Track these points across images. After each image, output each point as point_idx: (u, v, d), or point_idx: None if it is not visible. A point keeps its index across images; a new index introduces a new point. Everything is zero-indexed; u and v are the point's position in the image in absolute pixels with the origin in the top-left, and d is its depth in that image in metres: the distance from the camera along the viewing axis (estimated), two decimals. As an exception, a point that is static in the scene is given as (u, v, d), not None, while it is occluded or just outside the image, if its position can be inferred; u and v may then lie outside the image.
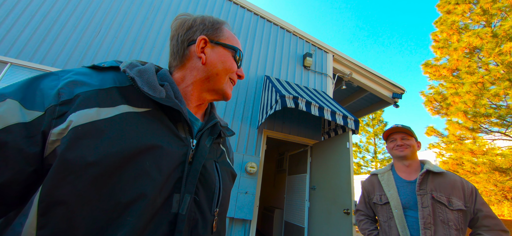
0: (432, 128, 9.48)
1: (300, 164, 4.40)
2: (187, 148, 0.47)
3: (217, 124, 0.59)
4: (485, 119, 7.90)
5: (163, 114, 0.46)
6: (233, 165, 0.77)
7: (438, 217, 1.20)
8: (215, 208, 0.49)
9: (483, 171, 7.70)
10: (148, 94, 0.43)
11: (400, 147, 1.42)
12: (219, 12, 4.42)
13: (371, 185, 1.54)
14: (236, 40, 0.61)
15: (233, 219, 3.21)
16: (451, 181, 1.27)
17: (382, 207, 1.41)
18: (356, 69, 5.08)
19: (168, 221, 0.40)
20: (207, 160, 0.52)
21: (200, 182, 0.48)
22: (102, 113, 0.38)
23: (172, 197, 0.42)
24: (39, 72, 3.12)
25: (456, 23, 8.87)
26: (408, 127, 1.44)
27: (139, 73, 0.46)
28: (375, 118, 18.52)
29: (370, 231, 1.47)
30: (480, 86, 7.64)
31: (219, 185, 0.52)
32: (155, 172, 0.40)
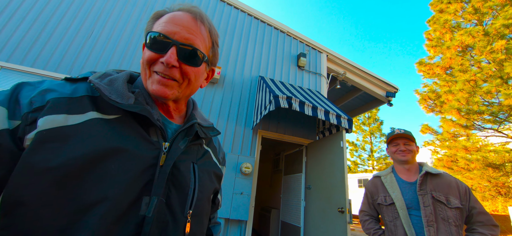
0: (427, 125, 9.59)
1: (295, 163, 4.42)
2: (158, 151, 0.47)
3: (194, 125, 0.58)
4: (478, 116, 8.02)
5: (133, 120, 0.47)
6: (224, 163, 0.76)
7: (439, 215, 1.32)
8: (189, 210, 0.49)
9: (477, 167, 7.82)
10: (115, 102, 0.44)
11: (402, 152, 1.51)
12: (212, 13, 4.42)
13: (375, 187, 1.63)
14: (163, 25, 0.51)
15: (228, 220, 3.21)
16: (447, 181, 1.38)
17: (388, 208, 1.50)
18: (350, 68, 5.11)
19: (135, 223, 0.41)
20: (183, 161, 0.52)
21: (172, 184, 0.48)
22: (70, 119, 0.40)
23: (141, 199, 0.42)
24: (29, 76, 3.08)
25: (448, 22, 8.99)
26: (410, 133, 1.53)
27: (110, 82, 0.48)
28: (371, 116, 18.67)
29: (375, 231, 1.57)
30: (472, 84, 7.76)
31: (194, 187, 0.52)
32: (120, 175, 0.40)
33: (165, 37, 0.49)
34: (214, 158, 0.67)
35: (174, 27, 0.50)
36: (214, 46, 0.60)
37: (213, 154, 0.67)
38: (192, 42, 0.52)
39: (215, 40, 0.60)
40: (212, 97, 3.75)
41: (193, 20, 0.53)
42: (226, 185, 3.24)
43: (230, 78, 4.02)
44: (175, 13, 0.53)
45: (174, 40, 0.50)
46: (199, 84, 0.59)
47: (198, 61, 0.54)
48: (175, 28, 0.50)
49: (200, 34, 0.54)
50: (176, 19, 0.51)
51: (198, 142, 0.60)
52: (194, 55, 0.52)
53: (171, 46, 0.49)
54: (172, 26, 0.50)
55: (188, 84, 0.55)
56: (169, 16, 0.52)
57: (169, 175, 0.48)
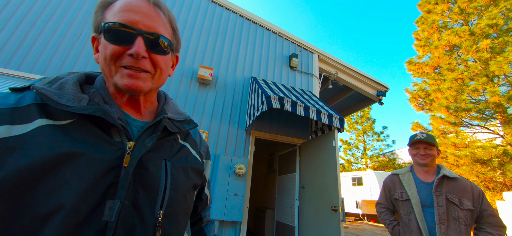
0: (417, 123, 9.80)
1: (289, 163, 4.44)
2: (122, 152, 0.45)
3: (162, 120, 0.54)
4: (465, 113, 8.26)
5: (90, 122, 0.45)
6: (208, 157, 0.74)
7: (451, 214, 1.46)
8: (159, 211, 0.46)
9: (465, 163, 8.03)
10: (65, 106, 0.42)
11: (422, 156, 1.63)
12: (204, 14, 4.40)
13: (392, 183, 1.78)
14: (121, 15, 0.47)
15: (223, 222, 3.19)
16: (463, 185, 1.52)
17: (404, 203, 1.66)
18: (341, 68, 5.18)
19: (96, 230, 0.39)
20: (151, 160, 0.49)
21: (140, 184, 0.45)
22: (14, 130, 0.37)
23: (104, 204, 0.40)
24: (14, 79, 3.00)
25: (436, 22, 9.23)
26: (432, 138, 1.64)
27: (60, 86, 0.45)
28: (364, 115, 18.95)
29: (391, 221, 1.75)
30: (460, 82, 7.98)
31: (165, 186, 0.49)
32: (76, 181, 0.38)
33: (127, 27, 0.46)
34: (194, 151, 0.64)
35: (134, 16, 0.47)
36: (175, 32, 0.58)
37: (192, 148, 0.64)
38: (156, 29, 0.49)
39: (174, 25, 0.57)
40: (204, 98, 3.73)
41: (150, 6, 0.50)
42: (220, 187, 3.23)
43: (222, 79, 4.01)
44: (128, 1, 0.48)
45: (138, 29, 0.47)
46: (167, 73, 0.57)
47: (165, 49, 0.52)
48: (136, 17, 0.47)
49: (161, 20, 0.51)
50: (133, 6, 0.47)
51: (171, 138, 0.57)
52: (162, 43, 0.50)
53: (136, 37, 0.46)
54: (132, 14, 0.47)
55: (160, 74, 0.53)
56: (124, 4, 0.47)
57: (136, 176, 0.45)
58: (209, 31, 4.31)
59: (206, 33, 4.27)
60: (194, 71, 3.87)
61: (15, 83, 3.00)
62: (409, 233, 1.59)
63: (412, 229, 1.57)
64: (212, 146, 3.49)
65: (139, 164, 0.46)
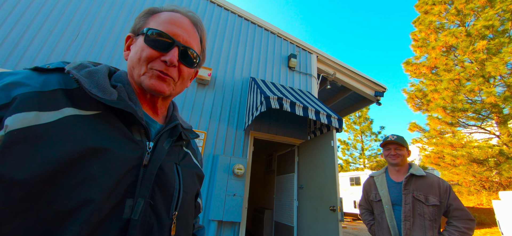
0: (415, 123, 9.87)
1: (288, 164, 4.44)
2: (142, 151, 0.46)
3: (178, 125, 0.57)
4: (462, 113, 8.33)
5: (115, 117, 0.44)
6: (201, 167, 0.76)
7: (417, 211, 1.55)
8: (174, 212, 0.48)
9: (462, 163, 8.10)
10: (96, 96, 0.41)
11: (393, 156, 1.75)
12: (202, 15, 4.40)
13: (369, 185, 1.91)
14: (165, 25, 0.51)
15: (222, 222, 3.18)
16: (430, 182, 1.60)
17: (376, 203, 1.79)
18: (339, 69, 5.20)
19: (118, 227, 0.39)
20: (166, 162, 0.50)
21: (157, 185, 0.46)
22: (42, 117, 0.35)
23: (124, 202, 0.40)
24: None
25: (433, 23, 9.30)
26: (401, 139, 1.76)
27: (89, 74, 0.44)
28: (362, 116, 19.03)
29: (369, 221, 1.87)
30: (456, 82, 8.05)
31: (179, 188, 0.51)
32: (102, 176, 0.37)
33: (168, 37, 0.51)
34: (194, 159, 0.66)
35: (176, 29, 0.53)
36: (203, 51, 0.64)
37: (193, 155, 0.66)
38: (191, 45, 0.55)
39: (204, 45, 0.64)
40: (203, 99, 3.73)
41: (192, 25, 0.56)
42: (219, 187, 3.22)
43: (221, 79, 4.01)
44: (175, 15, 0.55)
45: (177, 41, 0.52)
46: (188, 84, 0.62)
47: (193, 63, 0.57)
48: (178, 30, 0.53)
49: (196, 38, 0.58)
50: (178, 21, 0.54)
51: (179, 143, 0.60)
52: (192, 58, 0.56)
53: (173, 47, 0.51)
54: (175, 27, 0.53)
55: (182, 82, 0.57)
56: (170, 17, 0.53)
57: (155, 176, 0.46)
58: (207, 31, 4.31)
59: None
60: (192, 71, 3.85)
61: (12, 83, 2.97)
62: (381, 231, 1.71)
63: (383, 227, 1.69)
64: (211, 146, 3.49)
65: (158, 166, 0.48)
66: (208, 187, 3.29)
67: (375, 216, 1.80)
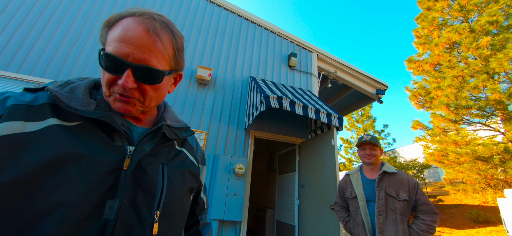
0: (418, 121, 9.78)
1: (289, 163, 4.44)
2: (123, 155, 0.48)
3: (161, 127, 0.57)
4: (466, 110, 8.22)
5: (95, 126, 0.48)
6: (203, 163, 0.77)
7: (389, 206, 1.66)
8: (156, 211, 0.49)
9: (466, 160, 7.99)
10: (74, 109, 0.45)
11: (368, 156, 1.84)
12: (202, 15, 4.41)
13: (345, 183, 2.00)
14: (114, 45, 0.47)
15: (223, 222, 3.20)
16: (400, 179, 1.71)
17: (352, 200, 1.87)
18: (340, 67, 5.17)
19: (98, 227, 0.41)
20: (150, 163, 0.51)
21: (138, 186, 0.48)
22: (28, 126, 0.40)
23: (104, 203, 0.43)
24: (14, 82, 3.01)
25: (436, 19, 9.19)
26: (375, 139, 1.87)
27: (71, 90, 0.48)
28: (364, 114, 18.90)
29: (344, 218, 1.95)
30: (460, 79, 7.95)
31: (162, 188, 0.51)
32: (79, 179, 0.40)
33: (117, 60, 0.46)
34: (191, 156, 0.67)
35: (126, 48, 0.46)
36: (178, 53, 0.56)
37: (189, 153, 0.67)
38: (148, 62, 0.48)
39: (178, 46, 0.56)
40: (203, 99, 3.74)
41: (148, 35, 0.48)
42: (220, 187, 3.23)
43: (221, 79, 4.02)
44: (126, 29, 0.47)
45: (128, 62, 0.47)
46: (165, 92, 0.58)
47: (157, 79, 0.51)
48: (128, 49, 0.46)
49: (156, 50, 0.49)
50: (128, 37, 0.47)
51: (168, 144, 0.60)
52: (152, 74, 0.49)
53: (126, 69, 0.47)
54: (124, 46, 0.46)
55: (152, 99, 0.54)
56: (120, 33, 0.47)
57: (135, 178, 0.48)
58: (207, 32, 4.32)
59: (204, 34, 4.27)
60: (193, 71, 3.87)
61: (16, 86, 3.02)
62: (356, 227, 1.79)
63: (358, 223, 1.77)
64: (212, 146, 3.50)
65: (138, 167, 0.49)
66: (209, 187, 3.31)
67: (350, 212, 1.89)
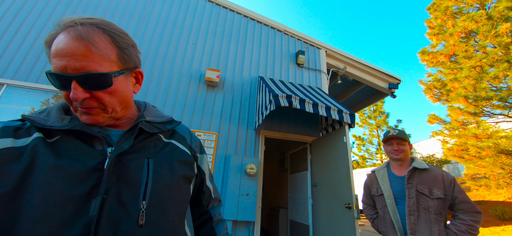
0: (434, 115, 9.40)
1: (300, 161, 4.39)
2: (103, 157, 0.51)
3: (138, 124, 0.58)
4: (486, 102, 7.83)
5: (74, 138, 0.51)
6: (201, 152, 0.77)
7: (421, 205, 1.53)
8: (142, 202, 0.51)
9: (489, 154, 7.61)
10: (50, 126, 0.50)
11: (396, 152, 1.72)
12: (209, 17, 4.45)
13: (371, 181, 1.91)
14: (53, 62, 0.49)
15: (236, 222, 3.20)
16: (433, 175, 1.57)
17: (378, 198, 1.78)
18: (350, 63, 5.07)
19: (84, 224, 0.44)
20: (132, 160, 0.54)
21: (123, 181, 0.50)
22: (18, 142, 0.47)
23: (90, 202, 0.46)
24: (33, 92, 3.17)
25: (450, 8, 8.83)
26: (403, 133, 1.73)
27: (47, 113, 0.54)
28: (376, 110, 18.44)
29: (371, 215, 1.86)
30: (478, 70, 7.58)
31: (147, 180, 0.53)
32: (61, 183, 0.45)
33: (58, 76, 0.48)
34: (181, 146, 0.68)
35: (61, 61, 0.47)
36: (124, 50, 0.56)
37: (179, 143, 0.68)
38: (87, 68, 0.48)
39: (122, 43, 0.55)
40: (213, 100, 3.77)
41: (77, 41, 0.48)
42: (232, 187, 3.24)
43: (229, 80, 4.04)
44: (57, 42, 0.48)
45: (68, 74, 0.47)
46: (127, 94, 0.59)
47: (105, 83, 0.51)
48: (63, 61, 0.47)
49: (91, 54, 0.49)
50: (60, 50, 0.47)
51: (153, 138, 0.62)
52: (97, 79, 0.49)
53: (70, 82, 0.48)
54: (60, 60, 0.47)
55: (114, 104, 0.55)
56: (54, 50, 0.48)
57: (118, 175, 0.51)
58: (214, 34, 4.36)
59: (211, 36, 4.32)
60: (201, 74, 3.92)
61: (37, 96, 3.17)
62: (384, 225, 1.71)
63: (386, 222, 1.68)
64: (223, 147, 3.52)
65: (120, 164, 0.52)
66: (221, 187, 3.32)
67: (377, 210, 1.81)
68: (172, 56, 3.92)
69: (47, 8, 3.72)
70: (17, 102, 3.09)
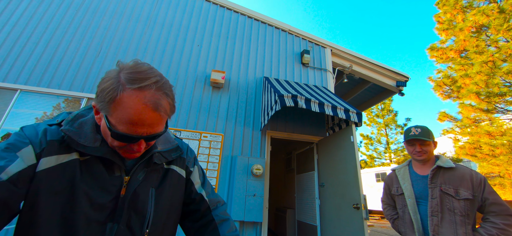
0: (445, 113, 9.16)
1: (307, 161, 4.36)
2: (120, 185, 0.59)
3: (153, 156, 0.66)
4: (499, 98, 7.57)
5: (99, 161, 0.58)
6: (193, 164, 0.84)
7: (445, 206, 1.42)
8: (146, 229, 0.60)
9: (503, 152, 7.35)
10: (83, 146, 0.56)
11: (418, 153, 1.59)
12: (213, 19, 4.49)
13: (391, 179, 1.83)
14: (128, 126, 0.51)
15: (243, 223, 3.21)
16: (460, 174, 1.45)
17: (398, 197, 1.70)
18: (356, 61, 5.00)
19: None
20: (142, 189, 0.62)
21: (133, 210, 0.59)
22: (61, 158, 0.55)
23: (106, 225, 0.56)
24: (46, 96, 3.26)
25: (459, 2, 8.58)
26: (426, 132, 1.58)
27: (80, 125, 0.58)
28: (384, 108, 18.12)
29: (392, 215, 1.79)
30: (490, 65, 7.34)
31: (151, 210, 0.62)
32: (86, 206, 0.54)
33: (133, 137, 0.53)
34: (179, 170, 0.76)
35: (140, 129, 0.52)
36: (173, 108, 0.60)
37: (178, 167, 0.76)
38: (157, 130, 0.55)
39: (173, 104, 0.59)
40: (218, 102, 3.79)
41: (155, 114, 0.52)
42: (238, 188, 3.25)
43: (235, 81, 4.05)
44: (136, 111, 0.50)
45: (142, 136, 0.54)
46: None
47: (161, 135, 0.60)
48: (142, 129, 0.53)
49: (163, 119, 0.55)
50: (141, 120, 0.51)
51: (158, 167, 0.69)
52: (158, 135, 0.58)
53: (140, 140, 0.55)
54: (138, 127, 0.52)
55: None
56: (132, 117, 0.50)
57: (130, 203, 0.59)
58: (219, 35, 4.39)
59: (216, 38, 4.35)
60: (207, 75, 3.95)
61: (49, 100, 3.26)
62: (403, 226, 1.64)
63: (406, 222, 1.61)
64: (229, 148, 3.53)
65: (133, 193, 0.60)
66: (228, 188, 3.33)
67: (398, 210, 1.74)
68: (177, 58, 3.97)
69: (57, 15, 3.83)
70: (30, 107, 3.19)
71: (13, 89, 3.21)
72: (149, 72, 0.53)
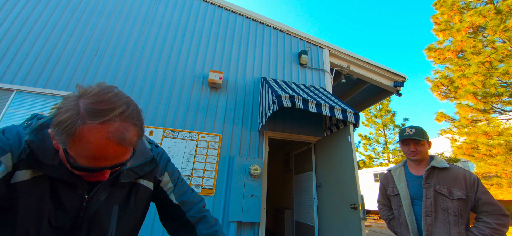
0: (442, 113, 9.20)
1: (305, 162, 4.37)
2: (80, 203, 0.58)
3: (119, 174, 0.63)
4: (496, 98, 7.62)
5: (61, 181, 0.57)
6: (163, 172, 0.79)
7: (439, 206, 1.45)
8: None
9: (500, 152, 7.39)
10: (40, 163, 0.52)
11: (413, 153, 1.63)
12: (211, 19, 4.48)
13: (386, 180, 1.85)
14: (90, 161, 0.48)
15: (241, 223, 3.20)
16: (454, 174, 1.48)
17: (394, 197, 1.73)
18: (353, 61, 5.01)
19: None
20: (103, 207, 0.61)
21: (92, 228, 0.59)
22: (26, 174, 0.54)
23: None
24: (43, 97, 3.24)
25: (456, 3, 8.64)
26: (420, 132, 1.62)
27: (44, 138, 0.54)
28: (383, 108, 18.18)
29: (388, 216, 1.81)
30: (487, 65, 7.39)
31: (113, 229, 0.61)
32: (46, 227, 0.54)
33: (95, 169, 0.50)
34: (147, 182, 0.73)
35: (103, 162, 0.49)
36: (141, 133, 0.56)
37: (146, 180, 0.73)
38: (121, 161, 0.52)
39: (141, 129, 0.55)
40: (216, 102, 3.79)
41: (119, 146, 0.48)
42: (236, 188, 3.25)
43: (232, 82, 4.05)
44: (98, 146, 0.46)
45: (105, 167, 0.50)
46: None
47: (126, 163, 0.54)
48: (105, 163, 0.49)
49: (127, 150, 0.51)
50: (103, 154, 0.47)
51: (124, 184, 0.66)
52: (124, 164, 0.54)
53: (104, 170, 0.51)
54: (102, 161, 0.48)
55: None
56: (93, 151, 0.46)
57: (90, 222, 0.59)
58: (217, 36, 4.38)
59: (214, 38, 4.34)
60: (204, 76, 3.94)
61: (45, 100, 3.24)
62: (399, 226, 1.66)
63: (401, 222, 1.63)
64: (226, 148, 3.53)
65: (94, 212, 0.59)
66: (226, 189, 3.33)
67: (393, 210, 1.76)
68: (175, 59, 3.96)
69: (55, 14, 3.81)
70: (27, 107, 3.17)
71: (9, 90, 3.19)
72: (114, 101, 0.47)
